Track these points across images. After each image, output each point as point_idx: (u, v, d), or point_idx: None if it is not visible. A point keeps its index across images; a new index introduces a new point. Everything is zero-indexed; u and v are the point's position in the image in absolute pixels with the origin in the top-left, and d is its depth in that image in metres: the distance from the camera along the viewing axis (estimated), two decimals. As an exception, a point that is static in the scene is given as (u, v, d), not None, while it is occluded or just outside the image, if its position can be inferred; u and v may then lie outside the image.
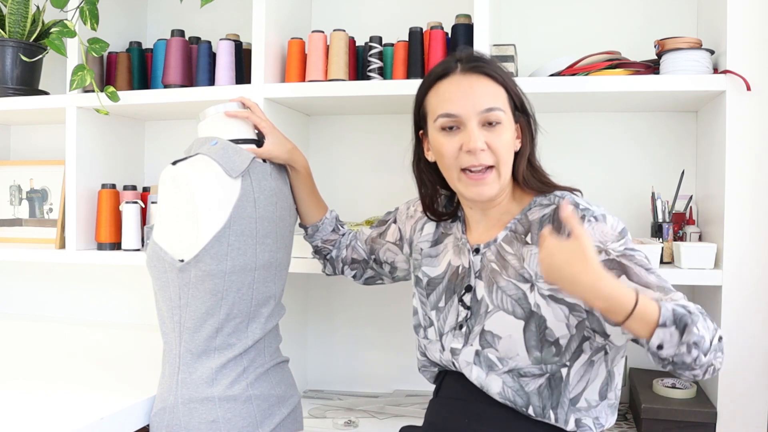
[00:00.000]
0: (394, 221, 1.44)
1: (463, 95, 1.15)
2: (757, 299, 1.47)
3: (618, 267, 1.08)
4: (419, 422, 1.32)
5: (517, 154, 1.20)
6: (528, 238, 1.16)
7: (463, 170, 1.16)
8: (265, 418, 1.28)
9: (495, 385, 1.14)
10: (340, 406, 1.80)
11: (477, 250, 1.22)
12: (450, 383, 1.24)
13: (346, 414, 1.74)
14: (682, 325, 0.96)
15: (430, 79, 1.21)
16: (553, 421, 1.13)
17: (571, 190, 1.20)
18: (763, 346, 1.46)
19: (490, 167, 1.15)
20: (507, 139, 1.15)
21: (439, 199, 1.32)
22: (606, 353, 1.15)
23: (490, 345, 1.15)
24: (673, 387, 1.58)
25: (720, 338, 1.00)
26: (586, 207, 1.13)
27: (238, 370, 1.26)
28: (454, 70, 1.18)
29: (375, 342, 1.97)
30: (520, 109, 1.20)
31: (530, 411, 1.13)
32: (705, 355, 0.98)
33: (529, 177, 1.19)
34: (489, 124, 1.15)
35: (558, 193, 1.18)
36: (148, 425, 1.31)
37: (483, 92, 1.15)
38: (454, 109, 1.15)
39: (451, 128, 1.16)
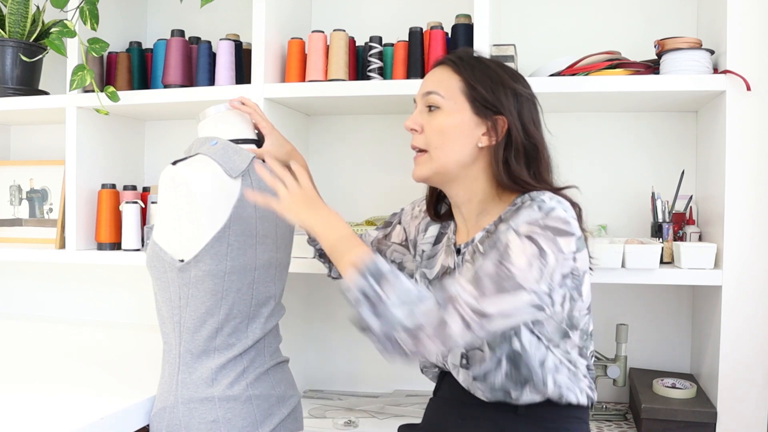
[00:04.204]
0: (399, 222, 1.43)
1: (423, 83, 1.22)
2: (757, 299, 1.47)
3: (489, 246, 1.05)
4: (418, 422, 1.33)
5: (495, 153, 1.16)
6: None
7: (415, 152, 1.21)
8: (265, 418, 1.28)
9: (478, 390, 1.15)
10: (340, 406, 1.80)
11: (459, 251, 1.22)
12: (448, 383, 1.24)
13: (346, 414, 1.74)
14: (373, 274, 1.03)
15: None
16: (539, 387, 1.10)
17: (560, 188, 1.16)
18: (764, 346, 1.46)
19: (423, 150, 1.18)
20: (443, 124, 1.15)
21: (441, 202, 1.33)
22: (539, 337, 1.10)
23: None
24: (673, 387, 1.58)
25: (413, 320, 1.00)
26: (542, 200, 1.07)
27: (237, 370, 1.26)
28: (436, 66, 1.23)
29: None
30: (490, 107, 1.15)
31: (514, 397, 1.12)
32: (378, 318, 1.01)
33: (501, 176, 1.15)
34: (430, 109, 1.18)
35: (534, 192, 1.11)
36: (148, 425, 1.31)
37: (433, 78, 1.19)
38: (416, 95, 1.22)
39: None
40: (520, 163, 1.16)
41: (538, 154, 1.17)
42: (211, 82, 1.80)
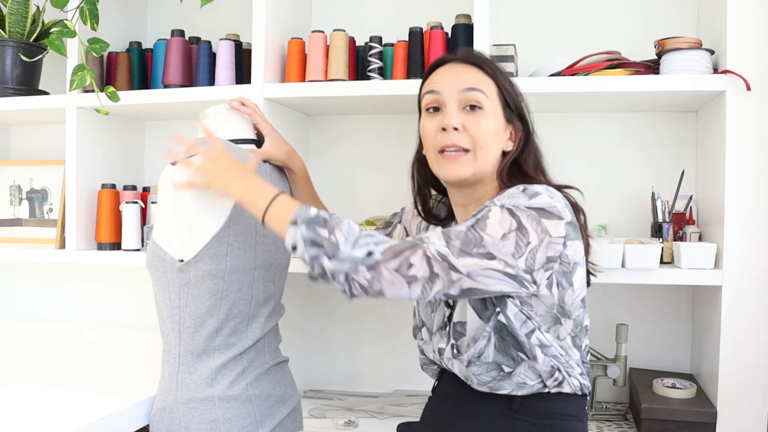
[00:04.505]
0: (400, 221, 1.44)
1: (449, 77, 1.18)
2: (757, 299, 1.47)
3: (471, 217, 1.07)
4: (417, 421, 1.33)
5: (505, 156, 1.19)
6: None
7: (440, 152, 1.16)
8: (265, 418, 1.28)
9: (473, 376, 1.15)
10: (340, 406, 1.80)
11: None
12: (446, 380, 1.25)
13: (346, 414, 1.74)
14: (316, 223, 1.04)
15: (428, 71, 1.24)
16: (528, 357, 1.10)
17: (563, 186, 1.17)
18: (763, 346, 1.46)
19: (465, 150, 1.15)
20: (488, 126, 1.15)
21: (433, 202, 1.33)
22: (528, 317, 1.11)
23: (461, 334, 1.15)
24: (673, 387, 1.58)
25: (370, 254, 1.02)
26: (530, 185, 1.10)
27: (237, 369, 1.26)
28: (447, 62, 1.21)
29: (375, 342, 1.97)
30: (515, 112, 1.19)
31: (506, 369, 1.12)
32: (338, 261, 1.02)
33: (505, 176, 1.18)
34: (471, 108, 1.15)
35: (527, 186, 1.13)
36: (148, 425, 1.31)
37: (466, 75, 1.17)
38: (436, 86, 1.18)
39: (436, 110, 1.18)
40: (528, 165, 1.19)
41: (538, 156, 1.21)
42: (211, 82, 1.80)
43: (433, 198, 1.34)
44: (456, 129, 1.14)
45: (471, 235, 1.03)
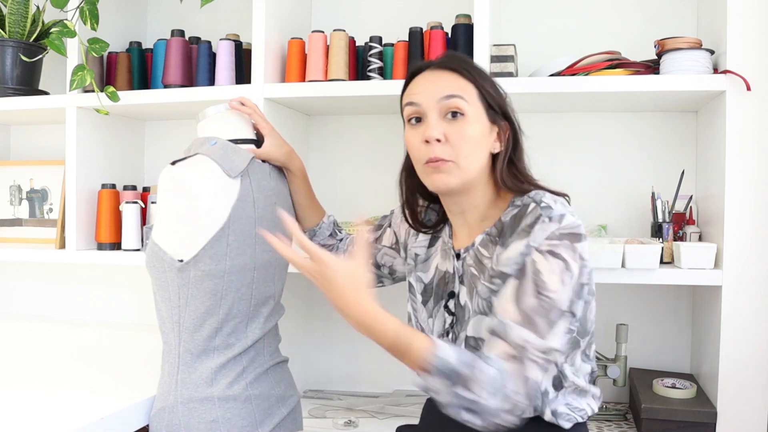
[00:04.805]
0: (389, 225, 1.42)
1: (427, 86, 1.16)
2: (757, 299, 1.47)
3: (515, 274, 1.06)
4: (417, 423, 1.32)
5: (496, 158, 1.17)
6: (500, 240, 1.14)
7: (426, 164, 1.14)
8: (265, 418, 1.28)
9: None
10: (340, 406, 1.80)
11: (458, 255, 1.20)
12: None
13: (346, 414, 1.74)
14: (453, 381, 0.99)
15: (406, 79, 1.22)
16: (537, 409, 1.12)
17: (555, 193, 1.16)
18: (763, 346, 1.46)
19: (449, 161, 1.12)
20: (471, 132, 1.12)
21: (422, 209, 1.31)
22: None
23: (475, 349, 1.13)
24: (673, 387, 1.58)
25: (516, 401, 1.00)
26: (547, 206, 1.08)
27: (237, 369, 1.27)
28: (425, 69, 1.19)
29: (375, 342, 1.97)
30: (499, 112, 1.17)
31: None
32: (480, 414, 0.99)
33: (506, 178, 1.16)
34: (452, 115, 1.13)
35: (532, 193, 1.13)
36: (147, 425, 1.31)
37: (445, 83, 1.14)
38: (415, 97, 1.16)
39: (418, 120, 1.16)
40: (522, 163, 1.18)
41: (522, 153, 1.20)
42: (211, 82, 1.80)
43: (420, 205, 1.31)
44: (438, 140, 1.12)
45: (543, 303, 1.03)
